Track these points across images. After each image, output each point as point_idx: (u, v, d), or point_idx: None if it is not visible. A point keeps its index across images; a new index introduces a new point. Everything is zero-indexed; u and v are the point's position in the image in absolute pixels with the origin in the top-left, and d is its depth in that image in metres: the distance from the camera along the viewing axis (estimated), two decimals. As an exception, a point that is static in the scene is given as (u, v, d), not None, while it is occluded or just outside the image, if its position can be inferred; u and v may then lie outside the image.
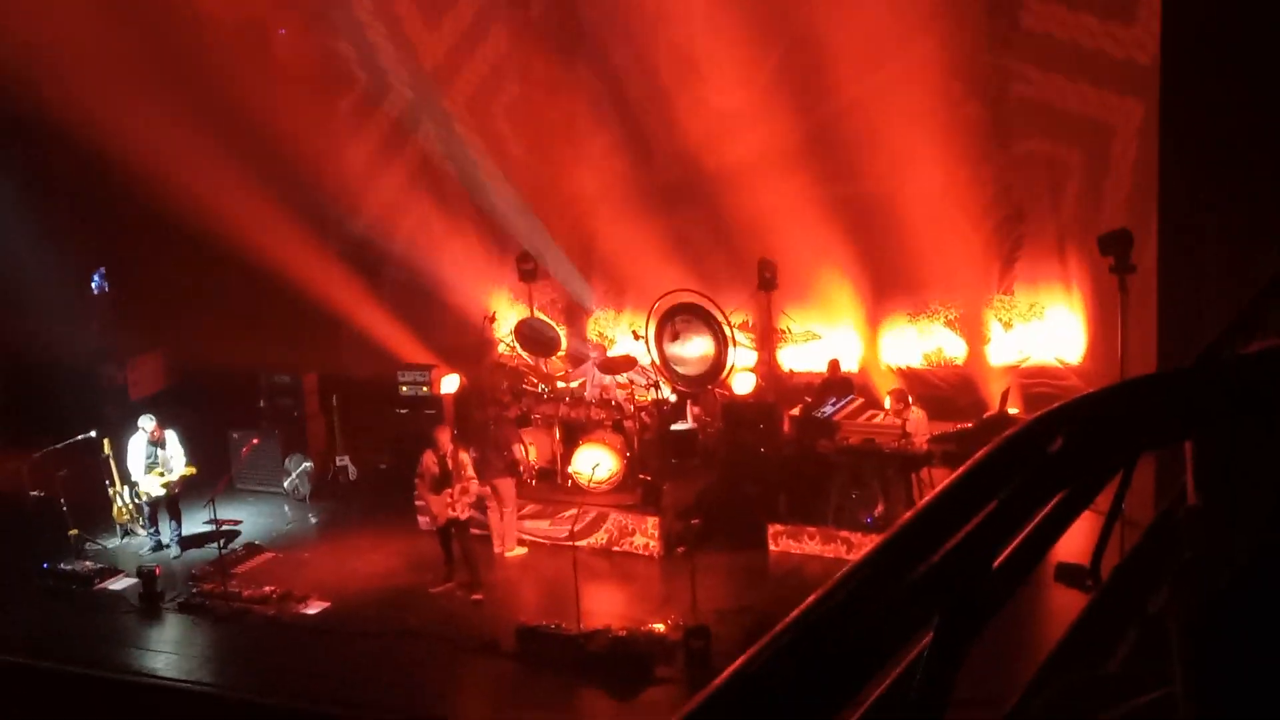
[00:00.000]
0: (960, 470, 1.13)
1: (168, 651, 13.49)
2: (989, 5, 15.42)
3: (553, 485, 15.31)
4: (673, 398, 15.90)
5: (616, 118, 17.43)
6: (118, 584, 14.59)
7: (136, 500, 15.64)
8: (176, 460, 15.40)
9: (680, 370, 16.38)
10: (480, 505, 14.35)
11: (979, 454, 1.17)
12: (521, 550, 14.69)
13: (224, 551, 14.59)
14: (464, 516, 13.86)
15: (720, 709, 0.89)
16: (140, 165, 16.70)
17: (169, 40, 17.01)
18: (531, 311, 17.38)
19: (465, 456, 13.98)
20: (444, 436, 13.92)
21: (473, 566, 13.90)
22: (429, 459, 13.86)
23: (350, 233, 19.20)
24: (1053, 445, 1.21)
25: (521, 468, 14.89)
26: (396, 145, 18.65)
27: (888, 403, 14.78)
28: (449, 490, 13.68)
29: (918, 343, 16.48)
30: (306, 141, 18.20)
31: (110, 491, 15.71)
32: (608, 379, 15.72)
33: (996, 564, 1.19)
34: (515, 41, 17.83)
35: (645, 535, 14.73)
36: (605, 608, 13.43)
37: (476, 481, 13.94)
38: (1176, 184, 10.35)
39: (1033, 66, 15.39)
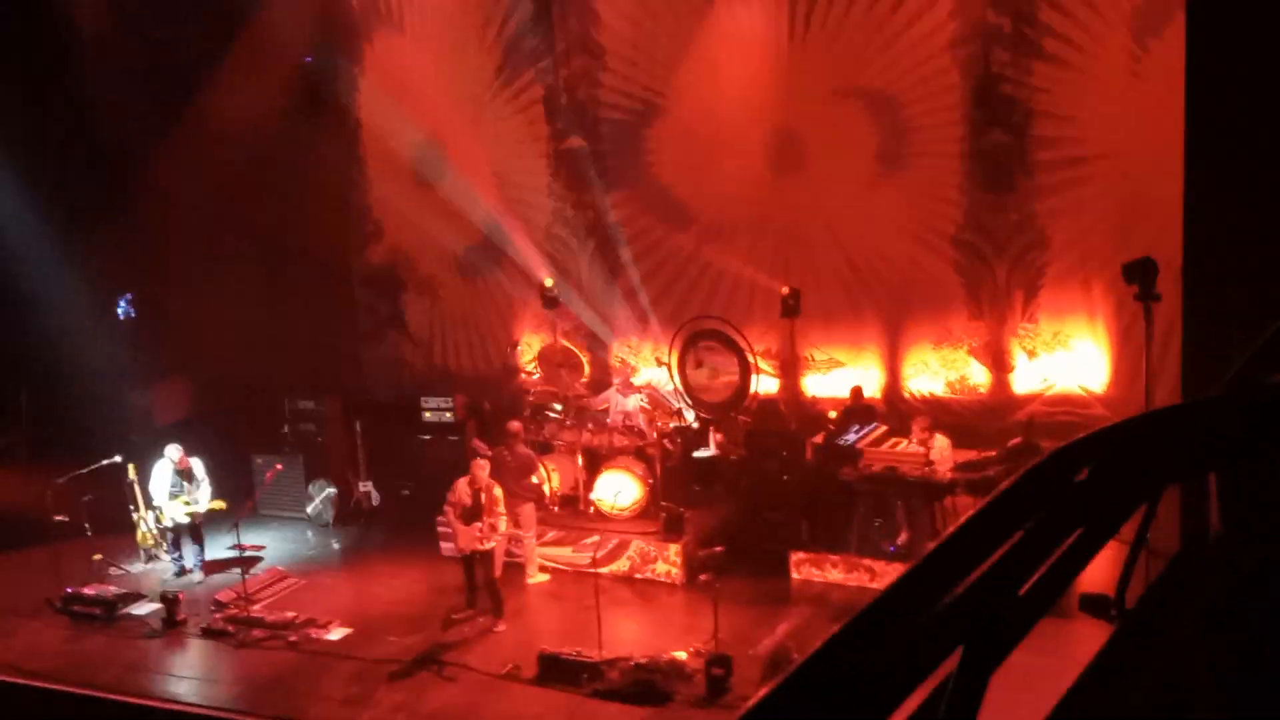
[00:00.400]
0: (986, 500, 1.13)
1: (190, 677, 13.51)
2: (1013, 33, 15.42)
3: (575, 512, 15.31)
4: (695, 424, 15.88)
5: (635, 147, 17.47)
6: (140, 609, 14.62)
7: (160, 525, 15.68)
8: (204, 493, 15.46)
9: (703, 397, 16.40)
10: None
11: (1004, 484, 1.17)
12: (544, 577, 14.67)
13: (246, 577, 14.61)
14: (487, 549, 13.85)
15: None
16: (165, 193, 16.81)
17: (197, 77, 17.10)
18: (555, 338, 17.38)
19: (498, 492, 13.96)
20: (480, 470, 13.87)
21: (495, 596, 13.88)
22: (462, 489, 13.80)
23: (371, 261, 19.25)
24: (1078, 475, 1.20)
25: (541, 494, 14.86)
26: (422, 180, 18.67)
27: (914, 431, 14.76)
28: (477, 523, 13.67)
29: (941, 370, 16.45)
30: (332, 171, 18.31)
31: (134, 516, 15.75)
32: (630, 405, 15.72)
33: (1021, 593, 1.19)
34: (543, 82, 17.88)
35: (667, 562, 14.72)
36: (627, 635, 13.41)
37: (506, 519, 13.92)
38: (1202, 213, 10.32)
39: (1055, 95, 15.40)
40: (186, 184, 16.83)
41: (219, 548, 15.45)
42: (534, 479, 14.68)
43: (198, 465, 15.51)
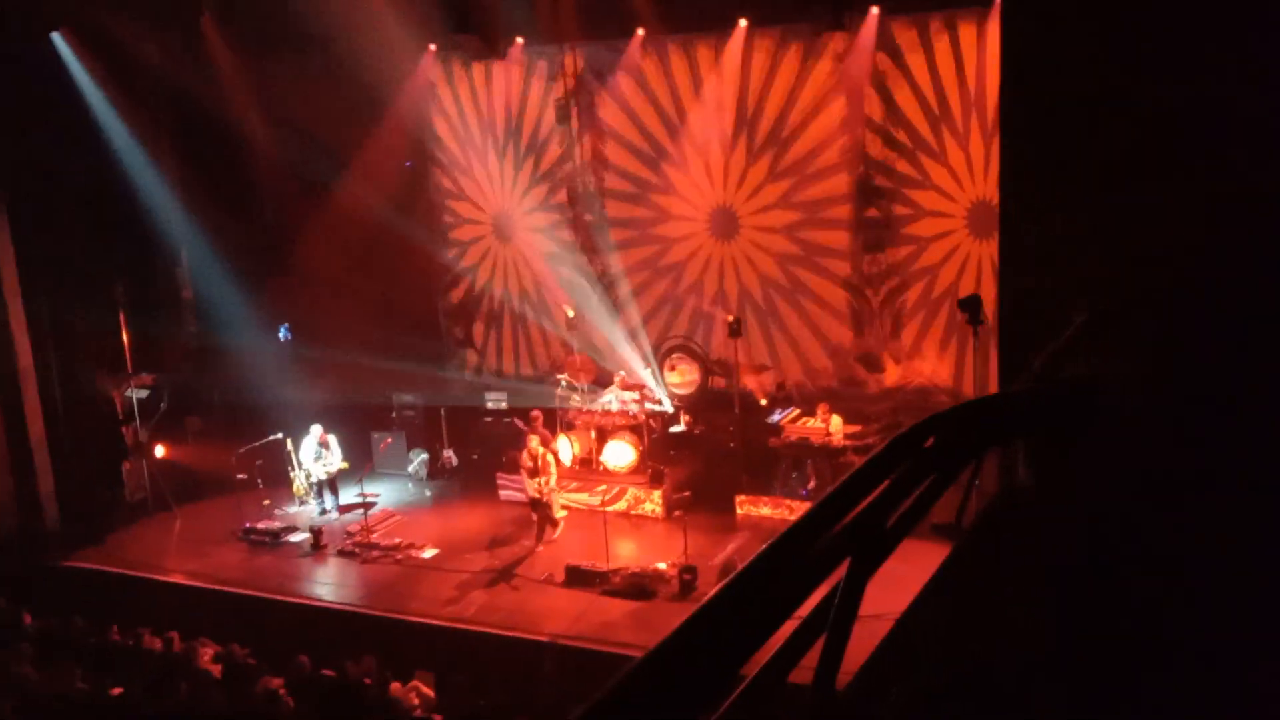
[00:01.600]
0: (864, 459, 1.13)
1: (330, 584, 13.51)
2: (881, 144, 15.43)
3: (590, 469, 15.26)
4: (671, 409, 15.87)
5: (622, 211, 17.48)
6: (296, 537, 14.61)
7: (308, 481, 15.66)
8: (335, 458, 15.46)
9: (676, 391, 16.39)
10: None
11: (879, 446, 1.17)
12: (564, 513, 14.60)
13: (367, 515, 14.59)
14: (546, 499, 13.89)
15: (706, 620, 0.89)
16: (312, 252, 16.83)
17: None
18: (576, 349, 17.41)
19: (550, 457, 14.02)
20: (531, 443, 14.02)
21: (552, 521, 13.98)
22: (526, 456, 13.95)
23: (451, 300, 19.26)
24: (928, 442, 1.21)
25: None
26: (486, 240, 18.68)
27: (818, 412, 14.75)
28: (538, 479, 13.79)
29: (836, 371, 16.44)
30: (424, 237, 18.31)
31: (291, 475, 15.74)
32: (627, 397, 15.70)
33: (890, 522, 1.19)
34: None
35: (653, 503, 14.70)
36: (625, 552, 13.40)
37: (556, 475, 14.06)
38: (1012, 264, 10.32)
39: (910, 187, 15.42)
40: (327, 246, 16.85)
41: (349, 495, 15.44)
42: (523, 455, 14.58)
43: (332, 440, 15.50)
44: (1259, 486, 0.63)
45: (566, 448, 15.22)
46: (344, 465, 15.52)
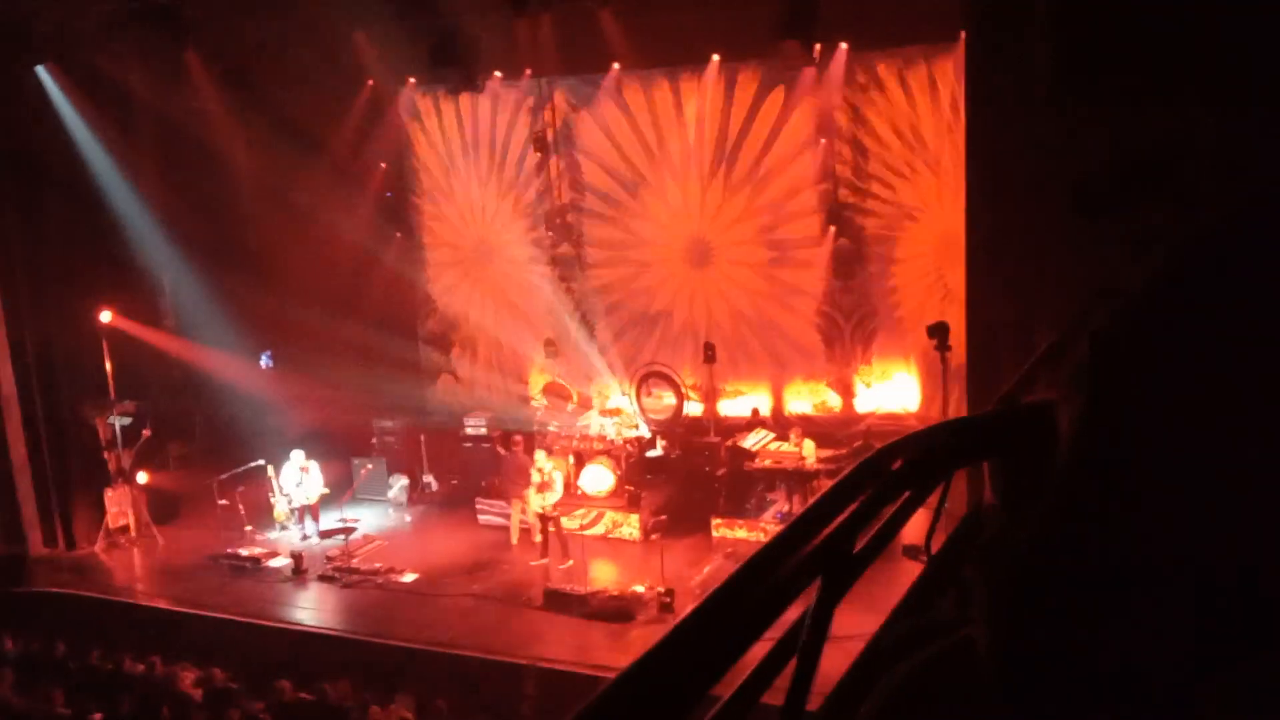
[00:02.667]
0: (833, 482, 1.13)
1: (310, 608, 13.40)
2: (852, 178, 15.55)
3: (569, 494, 15.19)
4: (648, 434, 15.86)
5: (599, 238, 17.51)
6: (276, 562, 14.49)
7: (290, 507, 15.57)
8: (316, 485, 15.39)
9: (653, 416, 16.39)
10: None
11: (847, 469, 1.17)
12: (516, 539, 14.55)
13: (347, 540, 14.49)
14: (553, 513, 13.85)
15: (676, 642, 0.89)
16: (294, 281, 16.76)
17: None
18: (555, 376, 17.39)
19: (557, 473, 14.13)
20: (538, 459, 14.24)
21: (564, 542, 13.86)
22: (533, 472, 14.05)
23: (430, 328, 19.22)
24: (895, 465, 1.21)
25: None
26: (464, 268, 18.64)
27: (791, 437, 14.77)
28: (543, 497, 13.88)
29: (809, 397, 16.49)
30: (404, 267, 18.29)
31: (272, 501, 15.63)
32: (605, 422, 15.68)
33: (858, 546, 1.19)
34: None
35: (630, 526, 14.66)
36: (603, 575, 13.36)
37: (558, 492, 14.06)
38: (978, 292, 10.40)
39: (881, 218, 15.54)
40: (308, 275, 16.79)
41: (330, 520, 15.32)
42: (531, 472, 14.58)
43: (313, 466, 15.42)
44: (1200, 511, 0.65)
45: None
46: (325, 491, 15.43)
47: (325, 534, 15.22)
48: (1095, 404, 0.76)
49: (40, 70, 15.38)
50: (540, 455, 14.24)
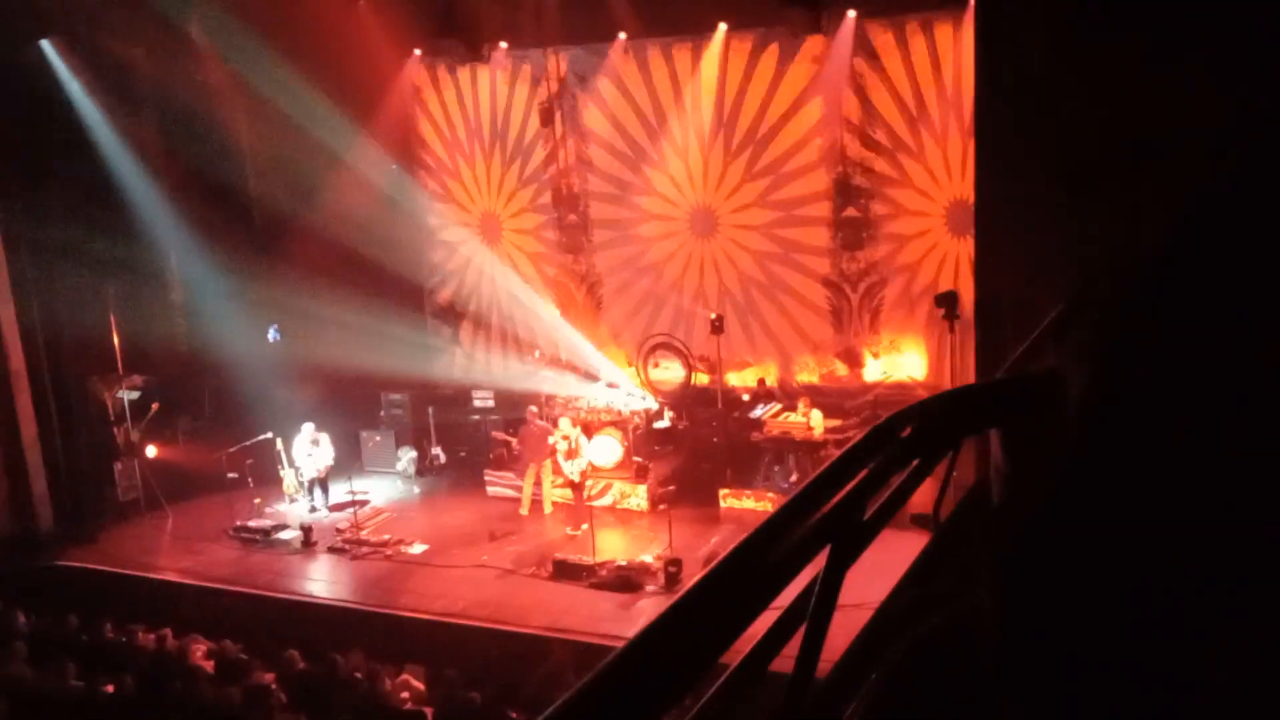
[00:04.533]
0: (842, 450, 1.14)
1: (321, 580, 13.46)
2: (860, 146, 15.45)
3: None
4: (655, 405, 15.88)
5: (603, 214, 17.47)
6: (286, 535, 14.56)
7: (299, 479, 15.64)
8: (326, 455, 15.47)
9: (661, 387, 16.40)
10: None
11: (855, 438, 1.17)
12: (550, 508, 14.66)
13: (357, 512, 14.55)
14: (579, 481, 14.06)
15: (684, 611, 0.89)
16: (301, 253, 16.75)
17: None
18: (560, 349, 17.41)
19: (584, 439, 14.40)
20: (563, 425, 14.51)
21: (584, 511, 13.91)
22: (559, 439, 14.31)
23: (439, 300, 19.19)
24: (904, 433, 1.21)
25: (554, 452, 14.79)
26: (472, 241, 18.60)
27: (799, 407, 14.78)
28: (572, 464, 14.17)
29: (816, 367, 16.47)
30: (413, 239, 18.26)
31: (281, 473, 15.70)
32: (612, 393, 15.70)
33: (868, 513, 1.19)
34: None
35: (638, 497, 14.71)
36: (612, 546, 13.41)
37: (583, 460, 14.31)
38: (987, 261, 10.35)
39: (887, 185, 15.46)
40: (315, 247, 16.74)
41: (339, 493, 15.39)
42: (550, 440, 14.64)
43: (323, 438, 15.48)
44: (1200, 482, 0.65)
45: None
46: (332, 463, 15.50)
47: (335, 507, 15.29)
48: (1101, 373, 0.76)
49: (45, 44, 15.33)
50: (565, 422, 14.34)
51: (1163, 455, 0.73)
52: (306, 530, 14.31)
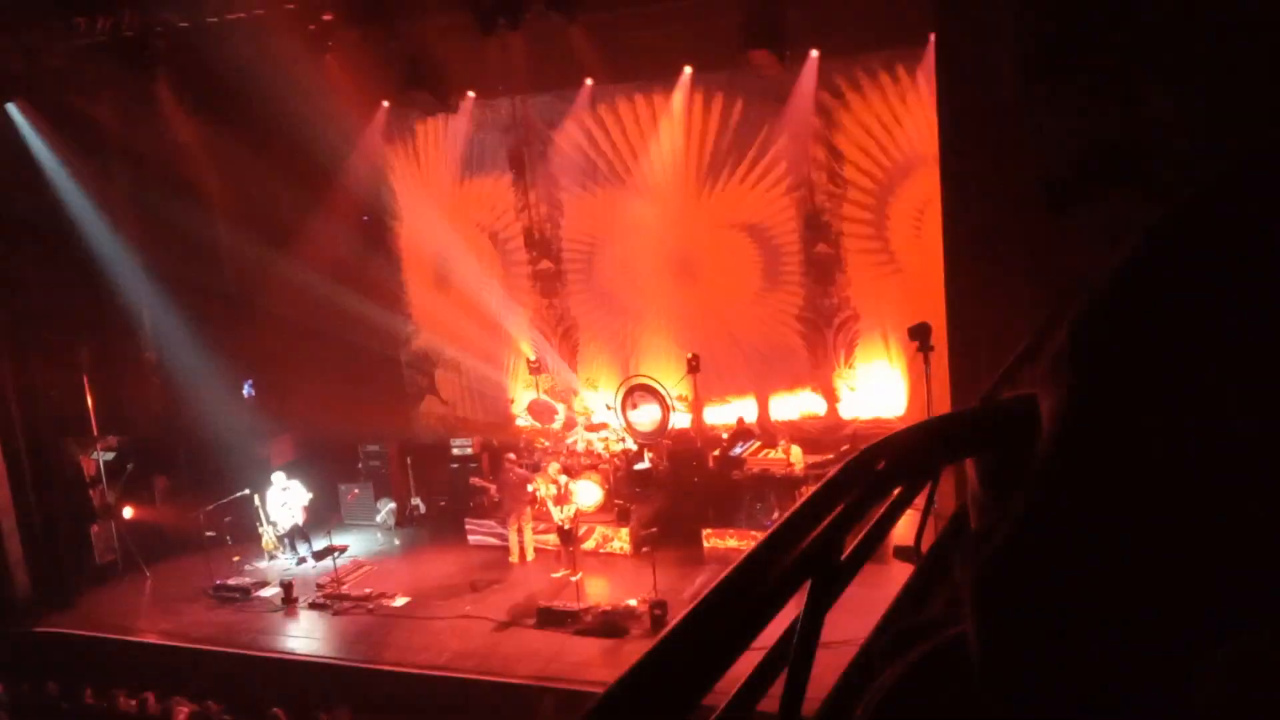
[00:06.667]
0: (818, 485, 1.13)
1: (302, 636, 13.32)
2: (827, 183, 15.59)
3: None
4: (634, 447, 15.85)
5: (581, 257, 17.50)
6: (266, 592, 14.41)
7: (277, 534, 15.52)
8: (299, 495, 15.44)
9: (639, 429, 16.36)
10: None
11: (829, 472, 1.16)
12: (533, 555, 14.60)
13: (337, 566, 14.43)
14: (567, 528, 13.90)
15: (665, 653, 0.88)
16: (273, 308, 16.70)
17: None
18: (539, 393, 17.34)
19: (573, 485, 14.30)
20: (550, 470, 14.41)
21: (575, 557, 13.81)
22: (545, 484, 14.20)
23: (412, 348, 19.12)
24: (879, 465, 1.20)
25: (534, 499, 14.72)
26: (444, 289, 18.55)
27: (779, 444, 14.78)
28: (561, 509, 14.00)
29: (794, 403, 16.49)
30: (384, 289, 18.22)
31: (260, 530, 15.56)
32: (591, 437, 15.67)
33: (847, 548, 1.18)
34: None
35: (620, 540, 14.64)
36: (596, 591, 13.33)
37: (572, 506, 14.14)
38: (958, 292, 10.43)
39: (857, 221, 15.57)
40: (287, 302, 16.72)
41: (318, 546, 15.27)
42: (529, 488, 14.57)
43: (294, 483, 15.48)
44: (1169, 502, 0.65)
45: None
46: (310, 496, 15.42)
47: (319, 555, 15.16)
48: (1073, 392, 0.75)
49: (10, 107, 15.32)
50: (553, 467, 14.28)
51: (1140, 474, 0.73)
52: (287, 587, 14.17)
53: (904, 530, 1.96)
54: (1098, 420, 0.72)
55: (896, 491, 1.43)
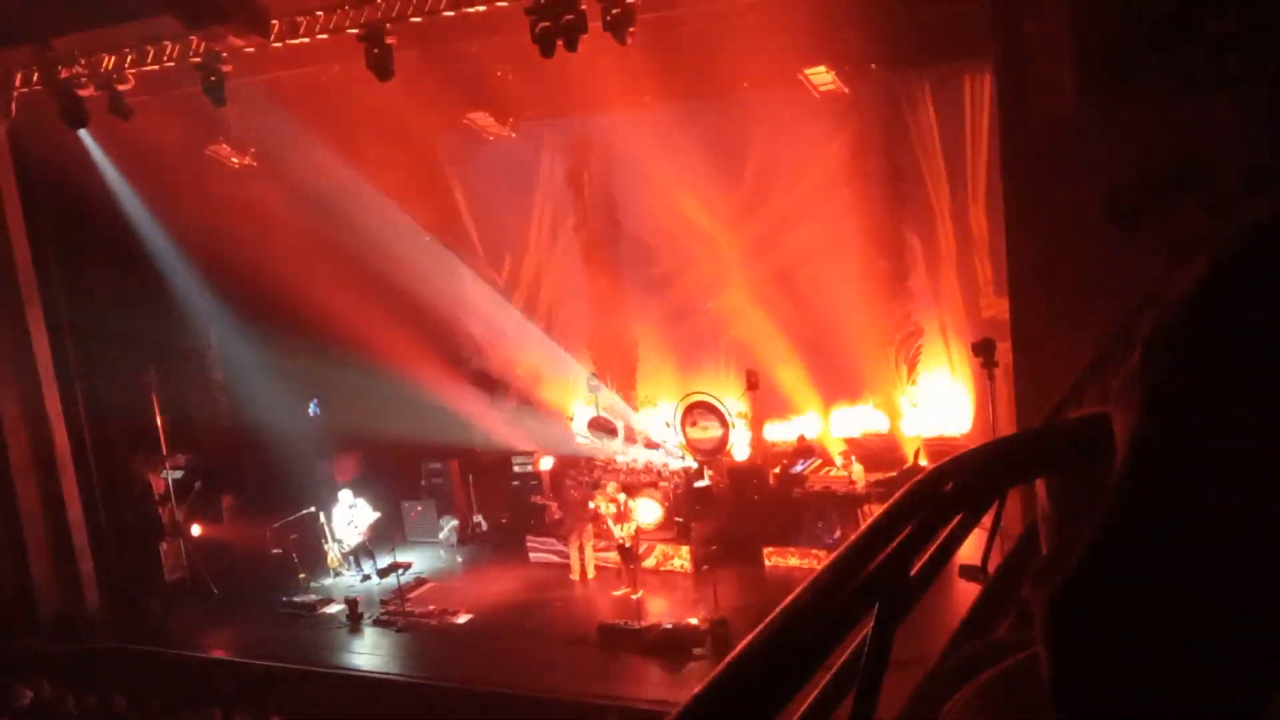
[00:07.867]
0: (885, 506, 1.12)
1: (367, 654, 13.43)
2: (889, 174, 15.48)
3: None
4: (695, 465, 15.81)
5: (642, 281, 17.53)
6: (332, 609, 14.56)
7: (343, 551, 15.68)
8: (366, 514, 15.61)
9: (699, 447, 16.32)
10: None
11: (897, 494, 1.16)
12: (594, 573, 14.61)
13: (401, 583, 14.53)
14: (628, 545, 13.95)
15: (733, 676, 0.88)
16: (341, 333, 16.91)
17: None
18: (598, 410, 17.38)
19: (633, 503, 14.34)
20: (609, 488, 14.48)
21: (635, 577, 13.83)
22: (605, 503, 14.25)
23: (473, 368, 19.25)
24: (946, 487, 1.20)
25: (596, 516, 14.73)
26: (504, 308, 18.68)
27: (839, 461, 14.67)
28: (622, 527, 14.04)
29: (856, 420, 16.36)
30: (447, 311, 18.37)
31: (325, 547, 15.73)
32: (651, 454, 15.67)
33: (915, 569, 1.18)
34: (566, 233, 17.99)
35: (681, 558, 14.60)
36: (657, 609, 13.31)
37: (632, 524, 14.17)
38: (1023, 306, 10.31)
39: (914, 234, 15.46)
40: (355, 326, 16.91)
41: (382, 563, 15.39)
42: (590, 505, 14.59)
43: (360, 501, 15.61)
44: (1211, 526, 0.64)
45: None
46: (377, 515, 15.58)
47: (384, 571, 15.29)
48: (1148, 413, 0.74)
49: (83, 133, 15.69)
50: (612, 485, 14.31)
51: (1218, 501, 0.72)
52: (352, 604, 14.30)
53: (970, 549, 1.95)
54: (1174, 446, 0.71)
55: (962, 513, 1.42)
